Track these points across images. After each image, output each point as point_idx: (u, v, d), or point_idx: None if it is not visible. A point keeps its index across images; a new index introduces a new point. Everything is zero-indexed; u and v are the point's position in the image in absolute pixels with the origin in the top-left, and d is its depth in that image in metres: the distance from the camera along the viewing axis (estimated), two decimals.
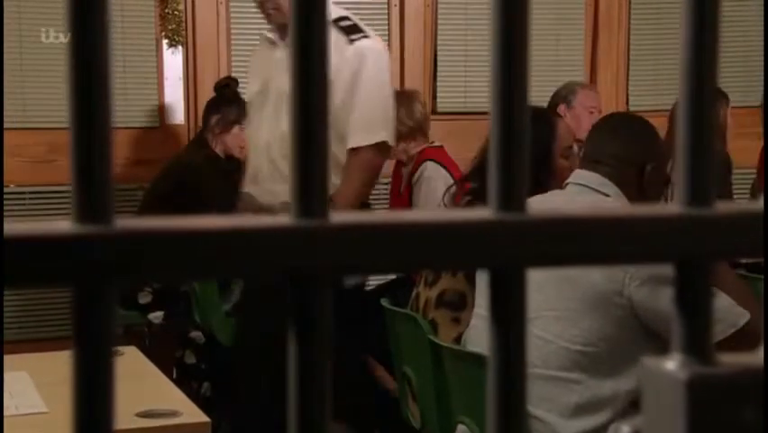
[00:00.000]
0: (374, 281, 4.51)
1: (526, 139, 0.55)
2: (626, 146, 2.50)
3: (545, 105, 4.48)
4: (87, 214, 0.50)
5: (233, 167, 4.35)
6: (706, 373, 0.56)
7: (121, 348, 2.61)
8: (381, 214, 0.54)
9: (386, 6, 5.09)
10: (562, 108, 4.63)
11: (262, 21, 5.07)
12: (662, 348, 2.30)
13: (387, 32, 5.10)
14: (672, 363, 0.57)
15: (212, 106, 4.40)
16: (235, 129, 4.29)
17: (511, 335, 0.56)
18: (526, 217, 0.55)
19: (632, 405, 2.26)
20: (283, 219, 0.53)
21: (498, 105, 0.54)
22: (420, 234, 0.53)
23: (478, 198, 2.89)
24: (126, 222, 0.51)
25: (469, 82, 5.19)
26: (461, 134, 5.01)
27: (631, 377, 2.24)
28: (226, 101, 4.34)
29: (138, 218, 0.52)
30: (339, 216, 0.53)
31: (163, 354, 4.05)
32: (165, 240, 0.51)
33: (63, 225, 0.50)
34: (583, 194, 2.40)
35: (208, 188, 4.19)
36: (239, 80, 4.53)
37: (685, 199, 0.57)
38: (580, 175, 2.47)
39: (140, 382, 2.34)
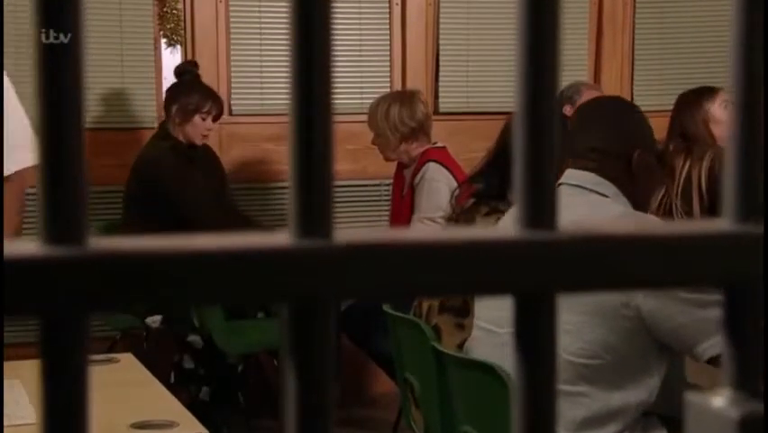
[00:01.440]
0: None
1: (556, 148, 0.49)
2: (603, 138, 2.30)
3: None
4: (57, 234, 0.44)
5: (199, 155, 4.27)
6: (759, 411, 0.50)
7: (116, 355, 2.54)
8: (392, 233, 0.48)
9: (387, 5, 5.02)
10: (567, 109, 4.55)
11: (262, 19, 5.03)
12: (672, 359, 2.24)
13: (388, 31, 5.04)
14: (720, 400, 0.50)
15: (171, 96, 4.31)
16: (196, 118, 4.20)
17: (540, 368, 0.49)
18: (557, 236, 0.48)
19: (644, 416, 2.20)
20: (282, 239, 0.46)
21: (525, 111, 0.48)
22: (437, 255, 0.47)
23: (483, 200, 2.82)
24: (102, 243, 0.44)
25: (471, 82, 5.12)
26: (464, 135, 4.95)
27: (641, 388, 2.17)
28: (185, 89, 4.25)
29: (117, 237, 0.45)
30: (345, 236, 0.47)
31: (161, 359, 3.99)
32: (145, 263, 0.44)
33: (29, 246, 0.44)
34: (579, 195, 2.24)
35: (170, 180, 4.10)
36: (198, 64, 4.46)
37: (735, 215, 0.50)
38: (572, 175, 2.28)
39: (135, 392, 2.27)
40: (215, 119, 4.25)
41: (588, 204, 2.23)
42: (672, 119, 4.05)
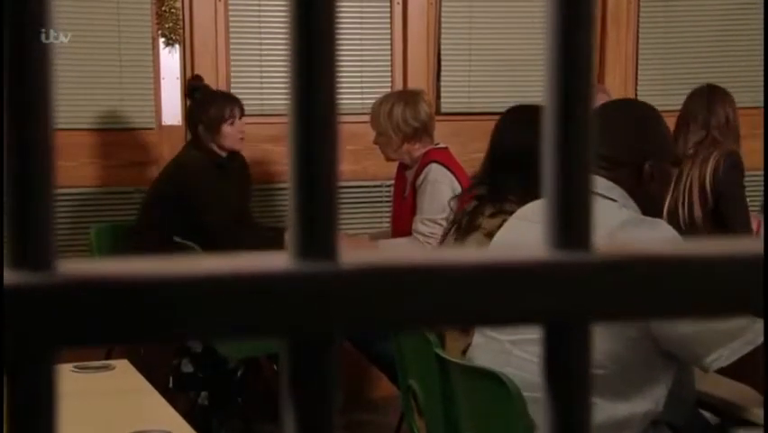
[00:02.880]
0: None
1: (592, 156, 0.43)
2: (613, 146, 2.20)
3: None
4: (23, 258, 0.39)
5: (233, 166, 4.22)
6: None
7: (112, 362, 2.49)
8: (404, 255, 0.42)
9: (388, 3, 4.97)
10: None
11: (261, 18, 4.97)
12: (678, 369, 2.18)
13: (389, 30, 4.98)
14: None
15: (191, 119, 4.25)
16: (224, 128, 4.15)
17: (573, 404, 0.43)
18: (592, 257, 0.43)
19: (653, 424, 2.14)
20: (280, 261, 0.40)
21: (557, 114, 0.42)
22: (454, 279, 0.41)
23: (486, 202, 2.76)
24: (73, 268, 0.39)
25: (473, 82, 5.06)
26: (466, 135, 4.90)
27: (647, 399, 2.11)
28: (202, 107, 4.18)
29: (90, 260, 0.40)
30: (352, 258, 0.41)
31: (160, 363, 3.94)
32: (122, 290, 0.38)
33: None
34: None
35: (202, 190, 4.06)
36: (202, 77, 4.41)
37: None
38: None
39: (131, 400, 2.22)
40: (242, 117, 4.20)
41: (595, 208, 2.18)
42: (684, 116, 4.00)
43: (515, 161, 2.70)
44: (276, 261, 0.40)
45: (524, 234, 2.23)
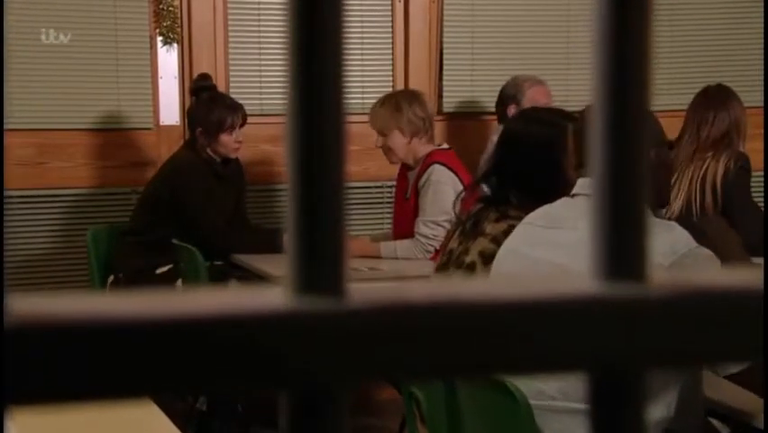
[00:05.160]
0: None
1: (648, 168, 0.36)
2: None
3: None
4: None
5: (228, 173, 4.16)
6: None
7: None
8: (420, 289, 0.35)
9: (390, 1, 4.90)
10: (511, 109, 4.35)
11: (261, 16, 4.90)
12: (688, 375, 2.12)
13: (390, 29, 4.91)
14: None
15: (191, 119, 4.18)
16: (222, 137, 4.08)
17: None
18: (648, 291, 0.36)
19: None
20: (277, 298, 0.34)
21: (609, 119, 0.35)
22: (482, 319, 0.35)
23: (490, 204, 2.69)
24: (19, 304, 0.32)
25: (476, 81, 4.99)
26: (468, 136, 4.83)
27: (660, 406, 2.05)
28: (205, 110, 4.11)
29: (42, 296, 0.33)
30: (361, 294, 0.34)
31: None
32: (82, 333, 0.32)
33: None
34: None
35: (197, 195, 4.00)
36: (210, 75, 4.34)
37: None
38: (586, 184, 2.18)
39: (126, 409, 2.15)
40: (242, 126, 4.13)
41: None
42: (692, 116, 3.94)
43: (518, 162, 2.63)
44: (272, 299, 0.34)
45: (534, 240, 2.17)
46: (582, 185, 2.19)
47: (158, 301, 0.33)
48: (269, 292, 0.34)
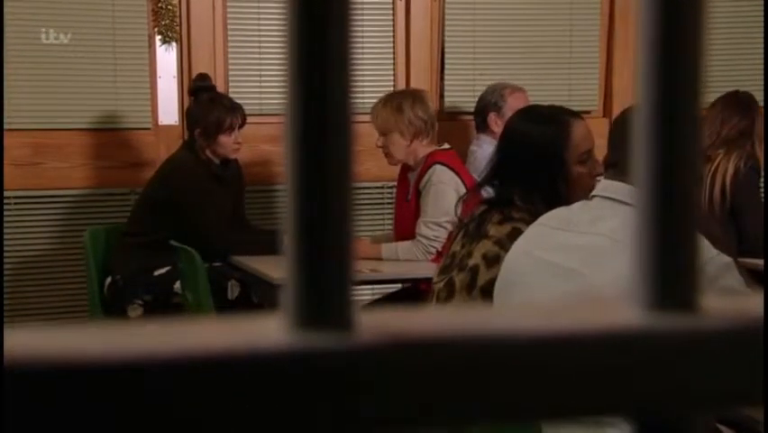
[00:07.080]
0: (380, 291, 4.29)
1: (700, 185, 0.32)
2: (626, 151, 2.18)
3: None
4: None
5: (227, 174, 4.12)
6: None
7: None
8: (429, 318, 0.31)
9: (391, 1, 4.86)
10: (492, 117, 4.31)
11: (261, 15, 4.86)
12: None
13: (392, 28, 4.87)
14: None
15: (190, 120, 4.13)
16: (221, 138, 4.04)
17: None
18: (703, 322, 0.31)
19: None
20: (275, 333, 0.29)
21: (659, 127, 0.31)
22: (513, 356, 0.30)
23: (493, 206, 2.65)
24: (16, 339, 0.27)
25: (478, 81, 4.95)
26: (469, 136, 4.78)
27: None
28: (204, 110, 4.06)
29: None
30: (372, 326, 0.29)
31: None
32: (64, 372, 0.27)
33: None
34: (610, 208, 2.08)
35: (196, 197, 3.97)
36: (209, 76, 4.29)
37: None
38: (606, 186, 2.11)
39: None
40: (241, 127, 4.09)
41: (619, 216, 2.05)
42: (716, 113, 3.92)
43: (520, 162, 2.58)
44: (269, 333, 0.29)
45: (546, 242, 2.12)
46: (605, 187, 2.12)
47: (152, 337, 0.28)
48: (268, 326, 0.30)
